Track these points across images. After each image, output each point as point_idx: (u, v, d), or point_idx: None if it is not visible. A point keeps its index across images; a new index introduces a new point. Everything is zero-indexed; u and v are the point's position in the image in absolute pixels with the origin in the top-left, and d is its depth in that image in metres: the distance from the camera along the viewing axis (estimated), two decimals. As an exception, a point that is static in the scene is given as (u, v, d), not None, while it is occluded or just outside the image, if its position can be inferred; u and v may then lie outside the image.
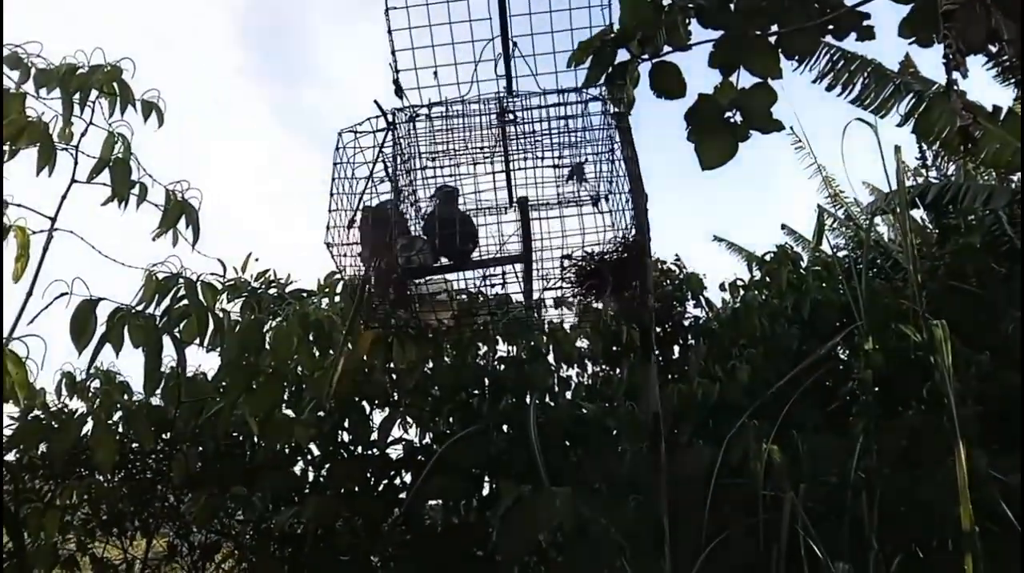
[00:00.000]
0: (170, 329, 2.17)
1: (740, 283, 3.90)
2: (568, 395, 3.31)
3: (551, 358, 3.25)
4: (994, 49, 1.69)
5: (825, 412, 3.11)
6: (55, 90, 2.27)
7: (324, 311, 2.71)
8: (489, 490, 2.94)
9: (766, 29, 1.98)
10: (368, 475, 2.96)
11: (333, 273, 3.14)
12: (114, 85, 2.34)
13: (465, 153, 2.75)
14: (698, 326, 3.86)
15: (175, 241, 2.47)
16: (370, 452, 3.01)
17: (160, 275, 2.24)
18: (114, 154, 2.35)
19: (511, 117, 2.57)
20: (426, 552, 2.83)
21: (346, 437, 3.03)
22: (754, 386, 3.15)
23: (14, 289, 2.10)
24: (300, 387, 2.79)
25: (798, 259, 4.01)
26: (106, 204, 2.35)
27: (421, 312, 2.67)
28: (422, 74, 2.41)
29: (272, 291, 3.04)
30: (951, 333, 2.33)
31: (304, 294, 3.15)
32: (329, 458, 3.07)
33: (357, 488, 2.94)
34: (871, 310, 2.97)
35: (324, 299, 3.12)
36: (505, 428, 3.00)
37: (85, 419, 2.64)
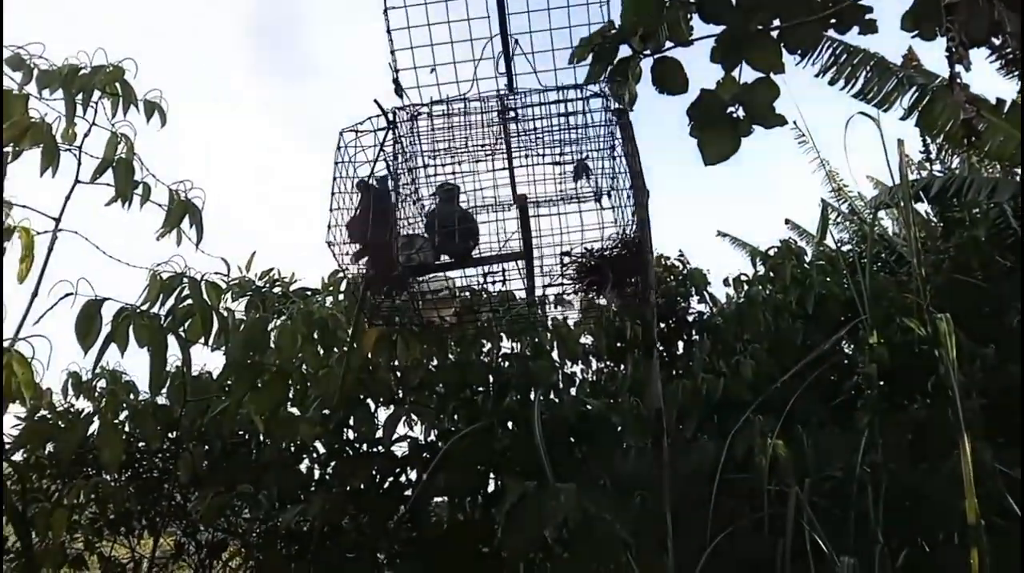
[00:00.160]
0: (175, 328, 2.18)
1: (744, 278, 3.89)
2: (572, 391, 3.32)
3: (555, 354, 3.26)
4: (997, 42, 1.68)
5: (830, 406, 3.11)
6: (58, 91, 2.28)
7: (328, 309, 2.72)
8: (494, 487, 2.94)
9: (768, 23, 1.98)
10: (374, 472, 2.97)
11: (337, 271, 3.15)
12: (116, 86, 2.35)
13: (466, 151, 2.75)
14: (702, 321, 3.86)
15: (179, 241, 2.49)
16: (375, 449, 3.01)
17: (164, 275, 2.25)
18: (117, 154, 2.36)
19: (512, 114, 2.57)
20: (432, 549, 2.84)
21: (351, 435, 3.04)
22: (758, 381, 3.15)
23: (19, 290, 2.12)
24: (305, 385, 2.79)
25: (802, 254, 3.99)
26: (110, 204, 2.37)
27: (424, 309, 2.67)
28: (422, 73, 2.41)
29: (276, 290, 3.05)
30: (955, 326, 2.32)
31: (308, 292, 3.16)
32: (335, 456, 3.07)
33: (363, 485, 2.94)
34: (875, 304, 2.97)
35: (328, 297, 3.13)
36: (510, 425, 3.00)
37: (91, 419, 2.66)
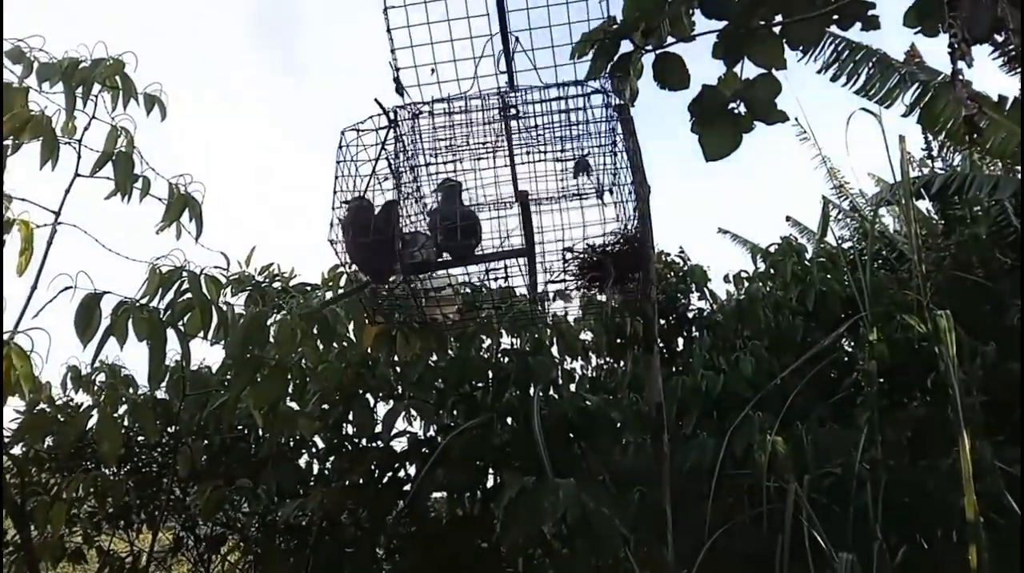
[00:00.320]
0: (174, 322, 2.18)
1: (744, 275, 3.90)
2: (572, 387, 3.31)
3: (555, 350, 3.26)
4: (1000, 38, 1.67)
5: (829, 403, 3.11)
6: (58, 84, 2.27)
7: (333, 308, 2.72)
8: (493, 482, 2.95)
9: (770, 19, 1.97)
10: (373, 467, 2.97)
11: (336, 266, 3.15)
12: (117, 79, 2.34)
13: (467, 149, 2.75)
14: (702, 318, 3.87)
15: (178, 234, 2.48)
16: (375, 444, 3.01)
17: (164, 268, 2.24)
18: (117, 148, 2.36)
19: (513, 112, 2.56)
20: (431, 544, 2.84)
21: (351, 430, 3.04)
22: (758, 378, 3.15)
23: (19, 283, 2.12)
24: (304, 380, 2.79)
25: (803, 250, 4.00)
26: (110, 198, 2.36)
27: (427, 307, 2.66)
28: (422, 72, 2.40)
29: (276, 285, 3.05)
30: (956, 324, 2.32)
31: (308, 287, 3.16)
32: (334, 451, 3.08)
33: (362, 480, 2.94)
34: (876, 301, 2.97)
35: (328, 293, 3.12)
36: (509, 420, 3.00)
37: (90, 412, 2.65)
